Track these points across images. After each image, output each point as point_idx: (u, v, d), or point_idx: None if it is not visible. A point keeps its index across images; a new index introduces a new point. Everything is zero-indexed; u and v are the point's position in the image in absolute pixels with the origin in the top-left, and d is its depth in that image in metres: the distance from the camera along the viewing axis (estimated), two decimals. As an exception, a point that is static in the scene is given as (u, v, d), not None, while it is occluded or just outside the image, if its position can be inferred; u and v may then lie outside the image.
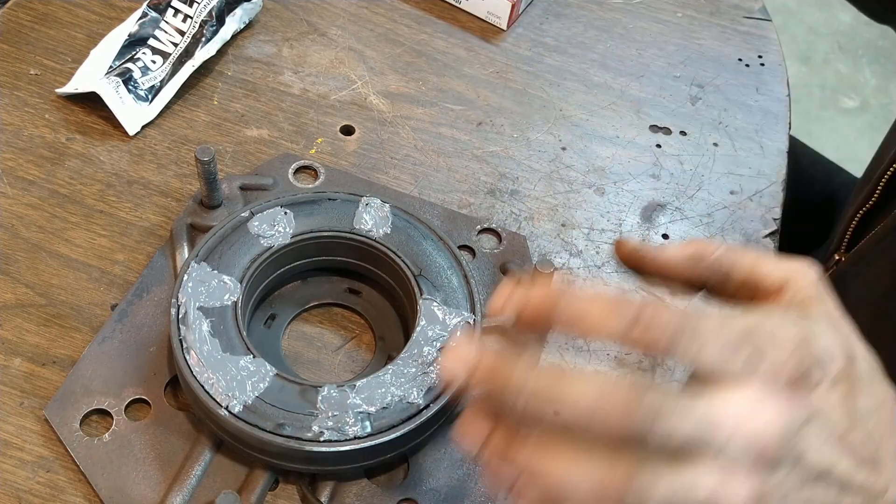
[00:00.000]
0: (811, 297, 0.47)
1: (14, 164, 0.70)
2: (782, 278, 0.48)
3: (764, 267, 0.49)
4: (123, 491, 0.54)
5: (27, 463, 0.55)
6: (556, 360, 0.65)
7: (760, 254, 0.50)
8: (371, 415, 0.54)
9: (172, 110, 0.76)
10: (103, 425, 0.57)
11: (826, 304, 0.47)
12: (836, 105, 2.50)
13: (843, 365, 0.44)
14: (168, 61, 0.75)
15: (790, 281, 0.48)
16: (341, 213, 0.64)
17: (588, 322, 0.42)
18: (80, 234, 0.66)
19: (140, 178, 0.71)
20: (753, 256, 0.50)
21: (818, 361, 0.43)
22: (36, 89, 0.75)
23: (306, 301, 0.65)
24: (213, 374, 0.54)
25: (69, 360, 0.60)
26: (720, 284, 0.51)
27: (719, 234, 0.74)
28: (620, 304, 0.42)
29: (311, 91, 0.79)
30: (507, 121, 0.80)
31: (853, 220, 0.79)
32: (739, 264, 0.50)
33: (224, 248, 0.61)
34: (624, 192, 0.76)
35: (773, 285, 0.48)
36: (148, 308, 0.62)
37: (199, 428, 0.56)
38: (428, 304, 0.59)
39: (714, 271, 0.51)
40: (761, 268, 0.49)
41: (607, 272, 0.71)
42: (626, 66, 0.87)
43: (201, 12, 0.77)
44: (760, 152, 0.82)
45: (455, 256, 0.63)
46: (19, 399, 0.58)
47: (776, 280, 0.48)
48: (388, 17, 0.87)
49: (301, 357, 0.63)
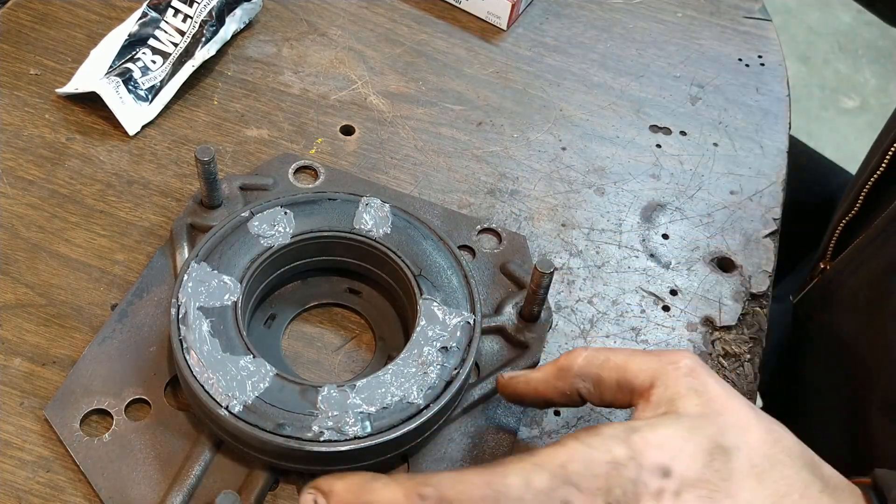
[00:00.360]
0: (678, 394, 0.47)
1: (14, 164, 0.70)
2: (651, 376, 0.48)
3: (633, 366, 0.49)
4: (123, 491, 0.54)
5: (27, 463, 0.55)
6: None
7: (632, 352, 0.50)
8: (371, 415, 0.54)
9: (172, 110, 0.76)
10: (103, 425, 0.57)
11: (696, 397, 0.47)
12: (836, 105, 2.50)
13: (699, 469, 0.44)
14: (168, 61, 0.75)
15: (658, 378, 0.48)
16: (341, 213, 0.64)
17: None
18: (80, 234, 0.66)
19: (140, 178, 0.71)
20: (623, 356, 0.50)
21: (635, 482, 0.43)
22: (36, 89, 0.75)
23: (306, 301, 0.65)
24: (213, 374, 0.54)
25: (69, 360, 0.60)
26: (596, 389, 0.51)
27: (719, 234, 0.74)
28: (415, 495, 0.43)
29: (311, 91, 0.79)
30: (507, 121, 0.80)
31: (837, 229, 0.79)
32: (608, 367, 0.50)
33: (224, 248, 0.61)
34: (624, 192, 0.76)
35: (644, 385, 0.48)
36: (148, 308, 0.62)
37: (199, 428, 0.56)
38: (428, 304, 0.59)
39: (584, 378, 0.51)
40: (631, 367, 0.49)
41: (607, 272, 0.71)
42: (626, 66, 0.87)
43: (201, 12, 0.77)
44: (760, 152, 0.82)
45: (455, 256, 0.63)
46: (19, 399, 0.58)
47: (645, 379, 0.48)
48: (388, 17, 0.87)
49: (301, 357, 0.63)
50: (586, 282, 0.70)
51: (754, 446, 0.46)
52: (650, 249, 0.73)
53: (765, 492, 0.45)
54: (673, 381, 0.48)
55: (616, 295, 0.69)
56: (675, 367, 0.48)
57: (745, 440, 0.46)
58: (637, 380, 0.49)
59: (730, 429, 0.46)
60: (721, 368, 0.66)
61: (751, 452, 0.46)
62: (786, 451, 0.47)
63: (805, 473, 0.46)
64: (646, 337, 0.67)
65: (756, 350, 0.68)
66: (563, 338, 0.66)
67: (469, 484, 0.43)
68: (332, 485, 0.45)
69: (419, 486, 0.43)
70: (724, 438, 0.46)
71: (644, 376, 0.48)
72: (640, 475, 0.43)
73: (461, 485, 0.43)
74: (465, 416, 0.59)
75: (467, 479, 0.43)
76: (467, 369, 0.56)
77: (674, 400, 0.47)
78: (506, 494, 0.43)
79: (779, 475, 0.46)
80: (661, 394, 0.47)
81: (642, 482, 0.43)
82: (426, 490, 0.43)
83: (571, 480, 0.43)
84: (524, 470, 0.44)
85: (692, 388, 0.47)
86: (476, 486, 0.43)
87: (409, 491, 0.43)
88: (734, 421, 0.46)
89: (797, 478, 0.46)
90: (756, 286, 0.71)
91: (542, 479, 0.43)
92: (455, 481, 0.43)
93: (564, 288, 0.69)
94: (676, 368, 0.48)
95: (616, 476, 0.43)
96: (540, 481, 0.43)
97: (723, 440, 0.46)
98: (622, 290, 0.70)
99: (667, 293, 0.70)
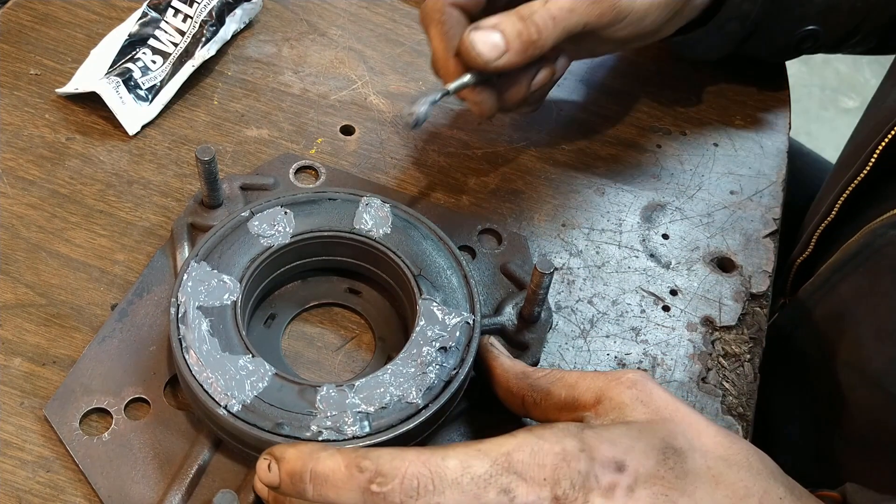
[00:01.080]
0: (624, 404, 0.48)
1: (14, 164, 0.70)
2: (597, 393, 0.50)
3: (582, 385, 0.51)
4: (123, 490, 0.54)
5: (27, 463, 0.55)
6: (556, 361, 0.65)
7: (582, 373, 0.52)
8: (370, 414, 0.54)
9: (172, 110, 0.76)
10: (103, 425, 0.57)
11: (642, 406, 0.48)
12: (836, 105, 2.50)
13: (653, 465, 0.45)
14: (168, 61, 0.75)
15: (603, 393, 0.50)
16: (341, 213, 0.64)
17: (329, 489, 0.44)
18: (80, 234, 0.66)
19: (140, 178, 0.71)
20: (576, 376, 0.52)
21: (585, 475, 0.44)
22: (36, 89, 0.75)
23: (306, 301, 0.65)
24: (212, 373, 0.54)
25: (69, 359, 0.60)
26: (543, 402, 0.53)
27: (719, 234, 0.74)
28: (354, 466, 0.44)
29: (311, 91, 0.79)
30: (508, 120, 0.80)
31: (793, 267, 0.79)
32: (560, 384, 0.52)
33: (224, 248, 0.61)
34: (624, 192, 0.76)
35: (589, 401, 0.50)
36: (148, 308, 0.62)
37: (199, 427, 0.57)
38: (427, 304, 0.59)
39: (535, 389, 0.53)
40: (579, 386, 0.51)
41: (607, 272, 0.71)
42: (627, 66, 0.87)
43: (201, 12, 0.77)
44: (760, 152, 0.82)
45: (455, 256, 0.63)
46: (19, 399, 0.58)
47: (591, 396, 0.50)
48: (388, 17, 0.87)
49: (301, 357, 0.63)
50: (586, 282, 0.70)
51: (708, 449, 0.46)
52: (650, 249, 0.73)
53: (723, 493, 0.45)
54: (617, 394, 0.49)
55: (616, 295, 0.69)
56: (619, 381, 0.50)
57: (698, 443, 0.46)
58: (584, 396, 0.50)
59: (681, 433, 0.47)
60: (721, 368, 0.66)
61: (705, 455, 0.46)
62: (743, 455, 0.47)
63: (764, 478, 0.46)
64: (646, 337, 0.67)
65: (756, 350, 0.68)
66: (563, 338, 0.66)
67: (406, 461, 0.44)
68: (284, 451, 0.47)
69: (360, 459, 0.44)
70: (676, 441, 0.46)
71: (590, 393, 0.50)
72: (592, 468, 0.44)
73: (398, 461, 0.44)
74: (465, 416, 0.59)
75: (407, 456, 0.44)
76: (466, 369, 0.56)
77: (621, 410, 0.48)
78: (441, 476, 0.43)
79: (736, 478, 0.45)
80: (608, 405, 0.49)
81: (593, 475, 0.44)
82: (365, 463, 0.44)
83: (515, 469, 0.43)
84: (466, 454, 0.44)
85: (637, 399, 0.49)
86: (413, 464, 0.44)
87: (349, 462, 0.44)
88: (685, 426, 0.47)
89: (756, 482, 0.46)
90: (756, 286, 0.71)
91: (482, 464, 0.44)
92: (393, 457, 0.44)
93: (564, 288, 0.69)
94: (620, 383, 0.49)
95: (565, 468, 0.44)
96: (480, 467, 0.44)
97: (674, 442, 0.46)
98: (622, 290, 0.70)
99: (667, 293, 0.70)
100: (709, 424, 0.48)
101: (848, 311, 0.69)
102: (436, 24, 0.62)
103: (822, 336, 0.72)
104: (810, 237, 0.76)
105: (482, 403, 0.59)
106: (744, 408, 0.64)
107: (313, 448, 0.46)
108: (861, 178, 0.69)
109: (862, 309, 0.68)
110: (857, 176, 0.69)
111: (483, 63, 0.60)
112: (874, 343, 0.65)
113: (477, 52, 0.59)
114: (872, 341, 0.66)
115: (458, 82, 0.61)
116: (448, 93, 0.61)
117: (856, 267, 0.68)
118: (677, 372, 0.65)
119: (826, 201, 0.74)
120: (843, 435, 0.70)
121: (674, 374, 0.65)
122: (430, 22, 0.63)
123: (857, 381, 0.67)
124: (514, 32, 0.59)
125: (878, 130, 0.69)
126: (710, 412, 0.64)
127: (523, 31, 0.59)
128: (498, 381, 0.56)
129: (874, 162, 0.68)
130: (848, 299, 0.69)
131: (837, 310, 0.70)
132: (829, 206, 0.73)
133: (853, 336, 0.68)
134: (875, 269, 0.67)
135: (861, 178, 0.69)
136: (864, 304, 0.68)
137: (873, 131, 0.70)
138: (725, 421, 0.63)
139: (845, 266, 0.69)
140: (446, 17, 0.62)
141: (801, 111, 2.39)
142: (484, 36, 0.59)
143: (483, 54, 0.59)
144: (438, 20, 0.62)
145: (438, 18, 0.62)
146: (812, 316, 0.72)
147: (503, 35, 0.59)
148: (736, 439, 0.48)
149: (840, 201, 0.72)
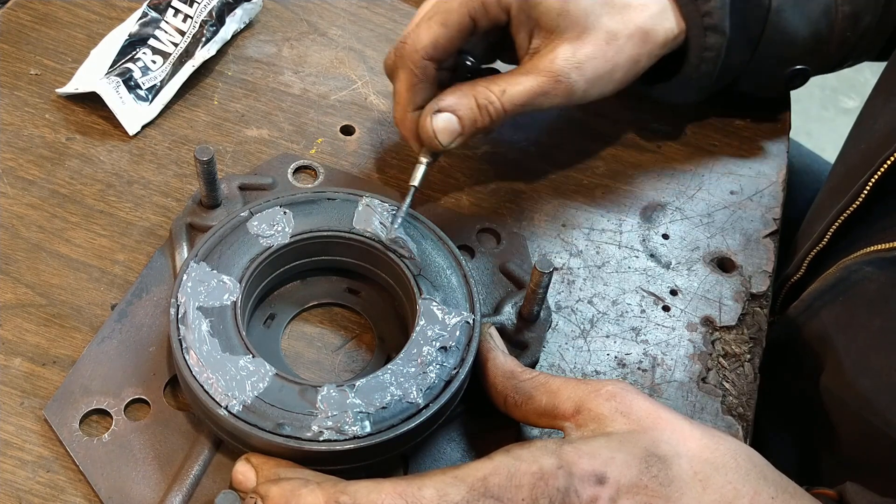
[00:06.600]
0: (604, 416, 0.49)
1: (14, 164, 0.70)
2: (576, 403, 0.50)
3: (563, 392, 0.51)
4: (123, 491, 0.54)
5: (27, 463, 0.55)
6: (555, 360, 0.65)
7: (566, 380, 0.52)
8: (370, 414, 0.54)
9: (172, 110, 0.76)
10: (103, 425, 0.57)
11: (622, 417, 0.48)
12: (836, 105, 2.50)
13: (635, 475, 0.45)
14: (168, 61, 0.75)
15: (582, 404, 0.50)
16: (341, 213, 0.64)
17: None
18: (80, 234, 0.66)
19: (140, 178, 0.71)
20: (559, 383, 0.52)
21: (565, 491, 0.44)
22: (36, 89, 0.75)
23: (306, 301, 0.65)
24: (212, 373, 0.54)
25: (69, 360, 0.60)
26: (524, 405, 0.53)
27: (719, 234, 0.74)
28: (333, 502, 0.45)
29: (311, 91, 0.79)
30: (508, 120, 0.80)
31: (784, 287, 0.79)
32: (542, 389, 0.52)
33: (223, 248, 0.61)
34: (624, 192, 0.76)
35: (568, 411, 0.50)
36: (147, 308, 0.62)
37: (199, 428, 0.56)
38: (427, 303, 0.59)
39: (518, 391, 0.53)
40: (561, 393, 0.51)
41: (607, 272, 0.71)
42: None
43: (201, 12, 0.77)
44: (760, 152, 0.82)
45: (455, 256, 0.63)
46: (19, 399, 0.58)
47: (570, 406, 0.50)
48: (388, 17, 0.87)
49: (301, 357, 0.63)
50: (586, 282, 0.70)
51: (694, 453, 0.46)
52: (650, 249, 0.73)
53: (711, 497, 0.45)
54: (596, 405, 0.49)
55: (616, 295, 0.69)
56: (598, 393, 0.50)
57: (683, 448, 0.46)
58: (563, 405, 0.51)
59: (665, 440, 0.47)
60: (721, 368, 0.66)
61: (692, 460, 0.46)
62: (730, 456, 0.46)
63: (753, 478, 0.46)
64: (646, 337, 0.67)
65: (756, 350, 0.68)
66: (563, 338, 0.66)
67: (383, 493, 0.45)
68: (269, 489, 0.48)
69: (338, 494, 0.45)
70: (660, 448, 0.46)
71: (569, 403, 0.50)
72: (572, 483, 0.44)
73: (374, 494, 0.45)
74: (465, 416, 0.59)
75: (383, 488, 0.45)
76: (466, 369, 0.56)
77: (600, 421, 0.49)
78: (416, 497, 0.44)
79: (724, 481, 0.45)
80: (587, 416, 0.49)
81: (573, 490, 0.44)
82: (342, 498, 0.45)
83: (492, 493, 0.44)
84: (442, 482, 0.45)
85: (617, 411, 0.49)
86: (389, 496, 0.44)
87: (329, 497, 0.46)
88: (669, 432, 0.47)
89: (745, 483, 0.46)
90: (756, 286, 0.71)
91: (458, 492, 0.44)
92: (370, 490, 0.45)
93: (564, 288, 0.69)
94: (598, 395, 0.50)
95: (543, 486, 0.44)
96: (456, 494, 0.44)
97: (658, 450, 0.46)
98: (622, 290, 0.70)
99: (667, 293, 0.70)
100: (693, 428, 0.48)
101: (829, 338, 0.69)
102: (407, 72, 0.66)
103: (806, 358, 0.72)
104: (802, 260, 0.76)
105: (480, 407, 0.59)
106: (744, 408, 0.64)
107: (295, 485, 0.47)
108: (854, 208, 0.69)
109: (842, 338, 0.68)
110: (850, 206, 0.69)
111: (441, 147, 0.65)
112: (853, 373, 0.66)
113: (438, 140, 0.65)
114: (851, 371, 0.66)
115: (419, 175, 0.66)
116: (416, 188, 0.66)
117: (835, 297, 0.69)
118: (677, 372, 0.65)
119: (819, 225, 0.74)
120: (831, 452, 0.70)
121: (674, 374, 0.65)
122: (402, 67, 0.66)
123: (840, 405, 0.68)
124: (470, 120, 0.65)
125: (870, 157, 0.68)
126: (710, 412, 0.64)
127: (478, 120, 0.65)
128: (486, 376, 0.57)
129: (867, 193, 0.68)
130: (829, 326, 0.70)
131: (820, 334, 0.71)
132: (822, 232, 0.73)
133: (834, 363, 0.68)
134: (852, 302, 0.67)
135: (854, 208, 0.69)
136: (843, 333, 0.68)
137: (865, 157, 0.70)
138: (725, 421, 0.63)
139: (824, 294, 0.70)
140: (419, 69, 0.65)
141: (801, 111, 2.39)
142: (443, 123, 0.65)
143: (443, 141, 0.65)
144: (410, 70, 0.65)
145: (411, 69, 0.65)
146: (798, 337, 0.73)
147: (459, 121, 0.65)
148: (722, 440, 0.48)
149: (832, 230, 0.72)
